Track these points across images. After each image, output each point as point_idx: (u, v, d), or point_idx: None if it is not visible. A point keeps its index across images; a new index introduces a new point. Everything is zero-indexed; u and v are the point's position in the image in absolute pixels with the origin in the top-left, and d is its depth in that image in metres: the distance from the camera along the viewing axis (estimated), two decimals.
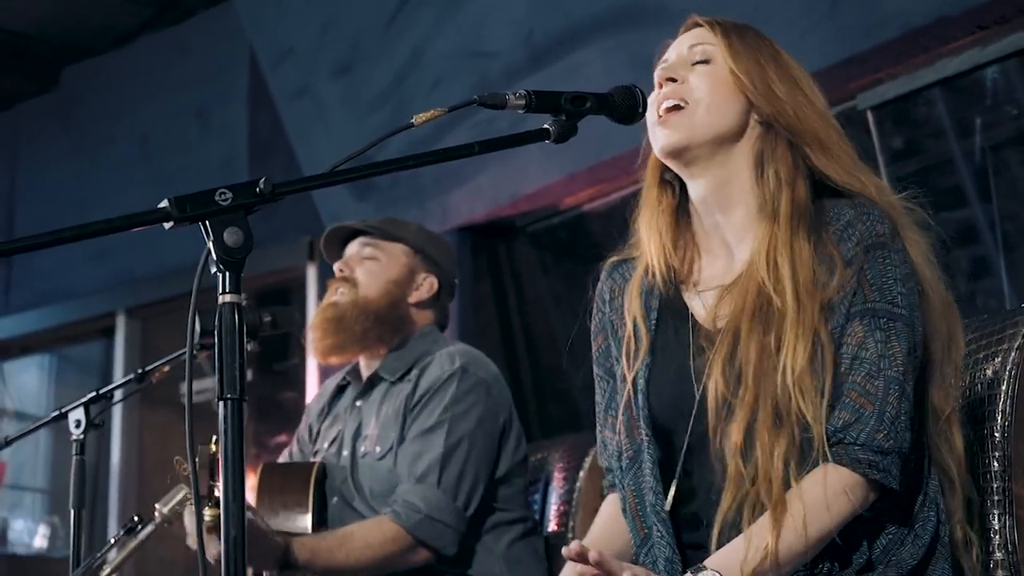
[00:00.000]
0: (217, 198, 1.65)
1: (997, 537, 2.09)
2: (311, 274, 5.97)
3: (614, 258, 2.35)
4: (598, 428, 2.33)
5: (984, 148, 3.94)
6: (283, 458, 3.51)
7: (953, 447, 2.08)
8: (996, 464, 2.12)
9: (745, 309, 2.05)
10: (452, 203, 5.17)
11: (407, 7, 5.08)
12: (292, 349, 3.39)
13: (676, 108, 2.14)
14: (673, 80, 2.16)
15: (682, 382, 2.12)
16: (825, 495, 1.93)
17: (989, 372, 2.17)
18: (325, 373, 5.12)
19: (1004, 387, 2.14)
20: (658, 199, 2.25)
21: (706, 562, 1.95)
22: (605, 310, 2.33)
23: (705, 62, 2.18)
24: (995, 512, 2.11)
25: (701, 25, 2.23)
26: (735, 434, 2.00)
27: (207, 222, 1.64)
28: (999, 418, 2.13)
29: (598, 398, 2.34)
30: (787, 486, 1.95)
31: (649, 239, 2.24)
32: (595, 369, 2.35)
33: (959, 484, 2.08)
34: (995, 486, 2.11)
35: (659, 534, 2.11)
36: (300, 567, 2.88)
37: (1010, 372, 2.14)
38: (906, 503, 2.04)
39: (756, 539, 1.94)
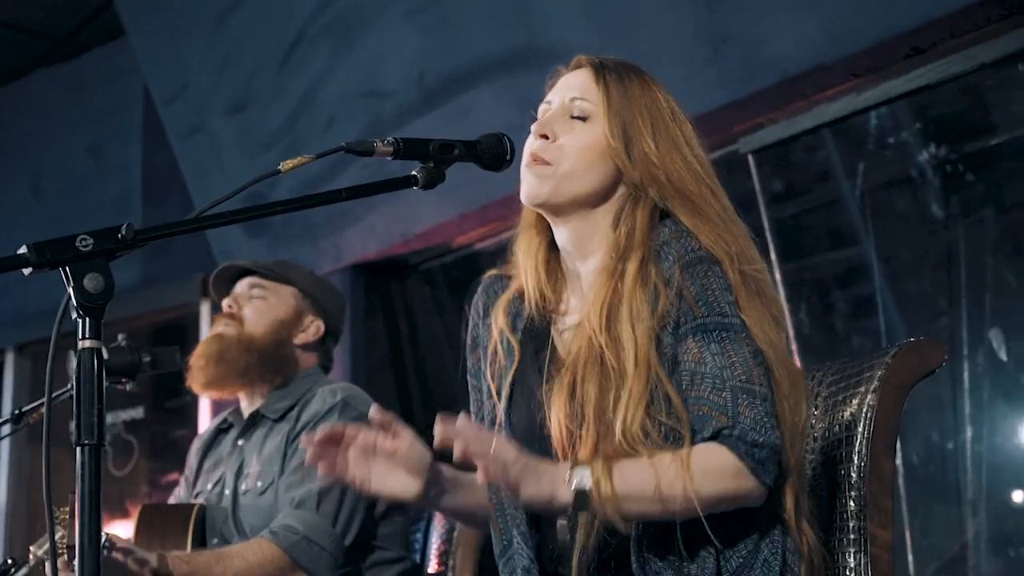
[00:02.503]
0: (78, 244, 1.66)
1: (852, 574, 2.14)
2: (204, 311, 5.96)
3: (492, 273, 2.36)
4: None
5: (863, 191, 4.04)
6: (173, 500, 3.49)
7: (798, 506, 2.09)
8: (852, 504, 2.16)
9: (581, 355, 2.07)
10: (345, 241, 5.19)
11: (301, 46, 5.10)
12: (184, 386, 3.37)
13: (543, 164, 2.15)
14: (545, 137, 2.17)
15: (533, 408, 2.15)
16: (709, 465, 1.94)
17: (847, 415, 2.21)
18: (218, 410, 5.09)
19: (860, 428, 2.18)
20: (537, 228, 2.28)
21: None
22: (479, 323, 2.35)
23: (583, 119, 2.18)
24: (851, 551, 2.15)
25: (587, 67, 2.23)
26: None
27: (67, 268, 1.65)
28: (856, 459, 2.17)
29: (472, 408, 2.35)
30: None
31: (525, 265, 2.26)
32: (469, 379, 2.36)
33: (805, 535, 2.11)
34: (851, 525, 2.16)
35: (518, 545, 2.14)
36: None
37: (866, 414, 2.18)
38: (757, 521, 2.04)
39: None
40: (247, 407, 3.36)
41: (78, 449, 1.63)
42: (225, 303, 3.37)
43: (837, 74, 3.69)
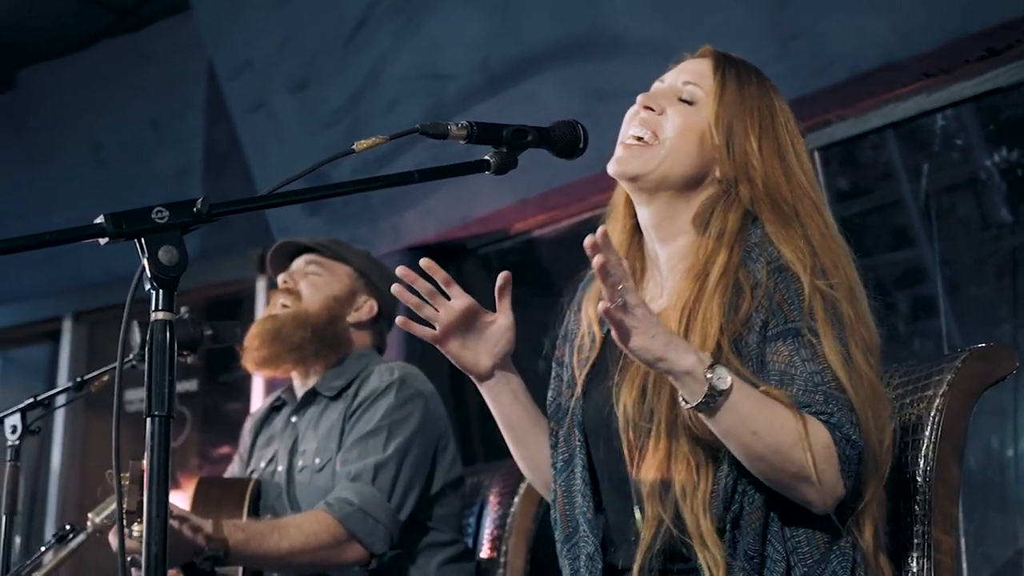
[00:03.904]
0: (154, 216, 1.66)
1: None
2: (261, 287, 5.98)
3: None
4: (548, 417, 2.35)
5: (928, 192, 4.00)
6: (228, 475, 3.52)
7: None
8: (917, 508, 2.14)
9: None
10: (404, 223, 5.19)
11: (366, 26, 5.10)
12: (238, 360, 3.40)
13: (641, 141, 2.17)
14: (651, 109, 2.18)
15: (606, 397, 2.14)
16: (817, 436, 1.91)
17: (914, 417, 2.19)
18: (271, 386, 5.11)
19: (928, 432, 2.16)
20: (625, 211, 2.29)
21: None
22: (571, 317, 2.37)
23: (689, 103, 2.18)
24: (914, 555, 2.13)
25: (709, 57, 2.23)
26: (651, 475, 2.02)
27: (142, 239, 1.65)
28: (922, 463, 2.15)
29: (550, 394, 2.36)
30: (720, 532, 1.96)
31: None
32: (553, 365, 2.38)
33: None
34: (915, 529, 2.14)
35: (584, 533, 2.15)
36: (231, 549, 2.86)
37: (934, 418, 2.16)
38: (830, 526, 2.02)
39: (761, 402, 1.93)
40: (300, 386, 3.38)
41: (148, 420, 1.63)
42: (281, 279, 3.40)
43: (908, 73, 3.65)
